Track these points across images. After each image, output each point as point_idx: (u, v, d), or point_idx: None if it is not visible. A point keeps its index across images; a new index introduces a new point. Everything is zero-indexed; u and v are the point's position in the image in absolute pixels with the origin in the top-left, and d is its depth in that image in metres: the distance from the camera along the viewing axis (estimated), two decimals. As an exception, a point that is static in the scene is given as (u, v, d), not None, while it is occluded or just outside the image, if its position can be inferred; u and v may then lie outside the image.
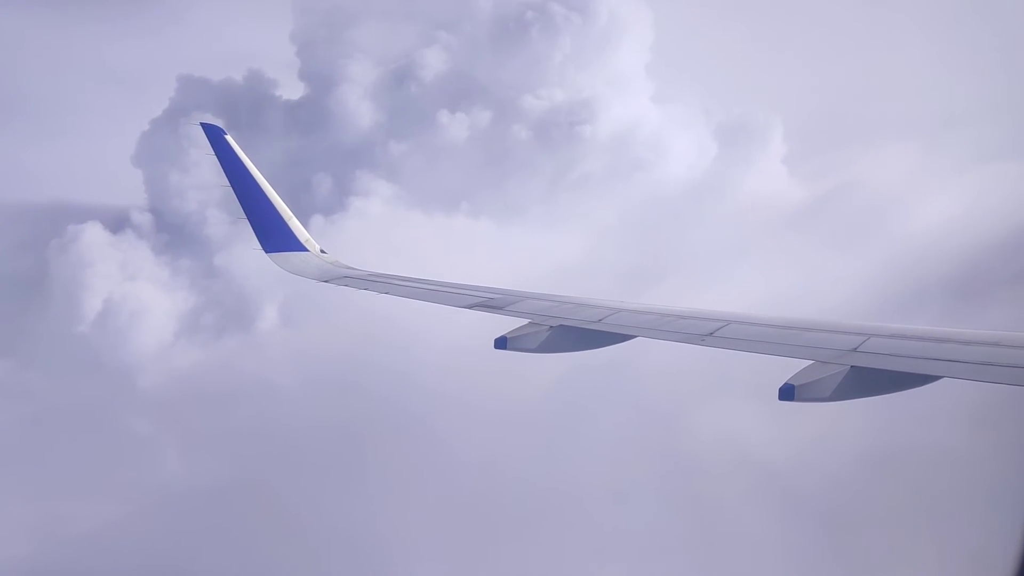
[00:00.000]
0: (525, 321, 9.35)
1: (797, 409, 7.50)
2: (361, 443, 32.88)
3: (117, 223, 47.98)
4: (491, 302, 10.13)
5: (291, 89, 51.89)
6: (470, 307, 10.27)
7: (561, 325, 9.14)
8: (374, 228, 44.43)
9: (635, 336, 8.86)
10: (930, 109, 53.88)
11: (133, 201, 49.46)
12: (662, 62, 51.95)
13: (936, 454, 23.52)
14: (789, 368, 7.42)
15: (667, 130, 50.00)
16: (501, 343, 9.02)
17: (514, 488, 29.98)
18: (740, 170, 49.19)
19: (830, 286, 34.79)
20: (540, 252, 40.51)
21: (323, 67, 50.80)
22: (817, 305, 30.66)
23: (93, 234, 46.59)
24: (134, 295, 44.85)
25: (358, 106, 50.28)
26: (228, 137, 13.32)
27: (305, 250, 13.46)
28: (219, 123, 14.63)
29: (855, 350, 7.50)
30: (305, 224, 14.10)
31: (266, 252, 13.27)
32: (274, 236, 13.28)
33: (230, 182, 13.16)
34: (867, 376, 7.22)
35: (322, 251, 13.60)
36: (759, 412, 23.75)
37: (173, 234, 47.95)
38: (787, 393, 7.11)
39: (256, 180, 13.28)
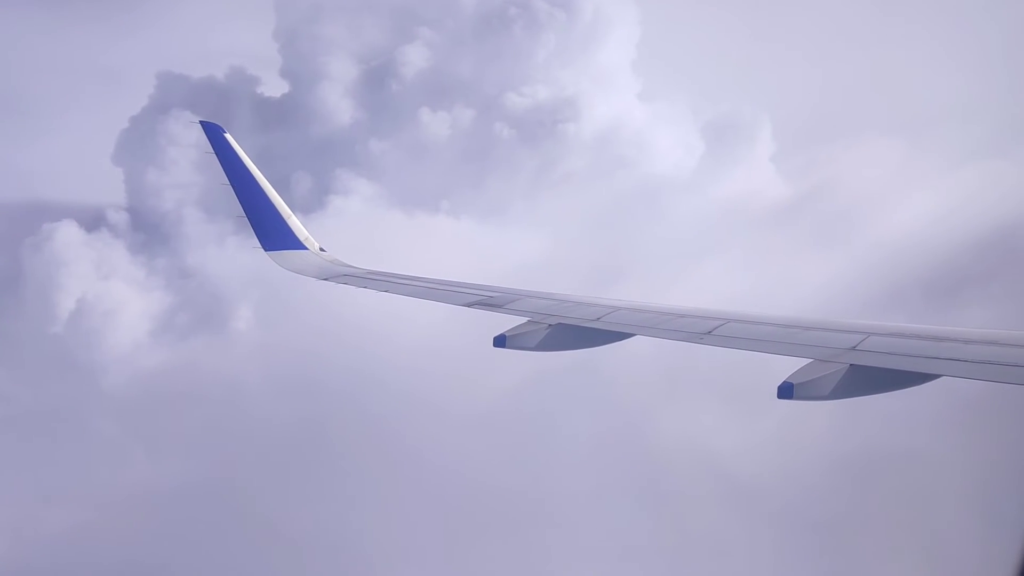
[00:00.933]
0: (524, 319, 9.33)
1: (795, 408, 7.51)
2: (334, 444, 32.69)
3: (93, 222, 47.38)
4: (490, 300, 10.11)
5: (273, 87, 51.59)
6: (469, 305, 10.24)
7: (560, 323, 9.14)
8: (354, 227, 44.12)
9: (634, 334, 8.87)
10: (918, 105, 53.94)
11: (111, 199, 48.92)
12: (649, 59, 51.64)
13: (935, 453, 23.70)
14: (788, 367, 7.42)
15: (653, 128, 49.63)
16: (500, 341, 9.00)
17: (491, 490, 29.88)
18: (728, 168, 48.73)
19: (818, 283, 34.91)
20: (522, 251, 40.40)
21: (305, 64, 50.38)
22: (806, 303, 30.82)
23: (68, 233, 45.93)
24: (108, 295, 44.28)
25: (339, 104, 49.95)
26: (228, 136, 13.31)
27: (304, 248, 13.53)
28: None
29: (854, 348, 7.50)
30: None
31: (265, 250, 13.31)
32: (273, 234, 13.34)
33: (230, 181, 13.20)
34: (866, 374, 7.22)
35: (321, 249, 13.60)
36: (756, 411, 23.87)
37: (149, 233, 47.36)
38: (786, 391, 7.11)
39: (256, 178, 13.33)
